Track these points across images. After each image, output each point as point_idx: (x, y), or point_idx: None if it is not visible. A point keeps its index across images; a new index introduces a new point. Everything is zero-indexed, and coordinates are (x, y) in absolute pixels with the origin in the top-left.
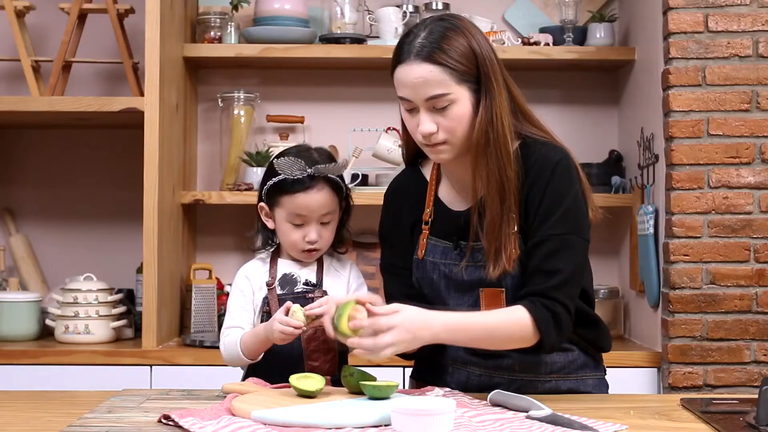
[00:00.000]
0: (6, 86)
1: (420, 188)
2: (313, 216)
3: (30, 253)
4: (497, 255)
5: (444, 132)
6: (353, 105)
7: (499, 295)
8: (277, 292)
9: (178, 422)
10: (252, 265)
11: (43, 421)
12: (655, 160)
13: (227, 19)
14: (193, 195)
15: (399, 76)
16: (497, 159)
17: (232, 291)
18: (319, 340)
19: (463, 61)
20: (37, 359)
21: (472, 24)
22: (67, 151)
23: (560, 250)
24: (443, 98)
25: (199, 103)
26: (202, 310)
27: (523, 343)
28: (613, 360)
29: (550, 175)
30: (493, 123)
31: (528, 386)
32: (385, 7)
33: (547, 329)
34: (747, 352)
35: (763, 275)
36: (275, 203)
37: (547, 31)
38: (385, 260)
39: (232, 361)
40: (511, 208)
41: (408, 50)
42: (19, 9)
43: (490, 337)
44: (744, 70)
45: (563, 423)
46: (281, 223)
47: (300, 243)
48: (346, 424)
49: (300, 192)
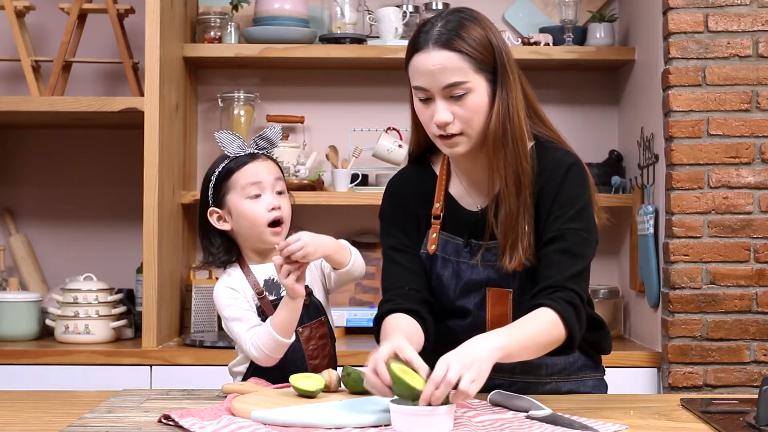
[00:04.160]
0: (6, 86)
1: (427, 182)
2: (267, 181)
3: (30, 253)
4: (513, 248)
5: (460, 122)
6: (353, 105)
7: (506, 295)
8: (270, 299)
9: (178, 422)
10: (228, 280)
11: (43, 421)
12: (655, 160)
13: (227, 19)
14: (193, 195)
15: (416, 64)
16: (514, 152)
17: (226, 304)
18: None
19: (480, 50)
20: (37, 359)
21: (487, 18)
22: (67, 151)
23: (576, 244)
24: (461, 86)
25: (199, 103)
26: (202, 310)
27: (558, 343)
28: (613, 360)
29: (564, 176)
30: (510, 115)
31: (528, 388)
32: (385, 7)
33: (573, 324)
34: (747, 352)
35: (763, 275)
36: (226, 192)
37: (547, 31)
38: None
39: (272, 351)
40: (526, 202)
41: (425, 38)
42: (19, 9)
43: (536, 345)
44: (744, 70)
45: (563, 423)
46: (239, 207)
47: (263, 215)
48: (346, 424)
49: (249, 163)
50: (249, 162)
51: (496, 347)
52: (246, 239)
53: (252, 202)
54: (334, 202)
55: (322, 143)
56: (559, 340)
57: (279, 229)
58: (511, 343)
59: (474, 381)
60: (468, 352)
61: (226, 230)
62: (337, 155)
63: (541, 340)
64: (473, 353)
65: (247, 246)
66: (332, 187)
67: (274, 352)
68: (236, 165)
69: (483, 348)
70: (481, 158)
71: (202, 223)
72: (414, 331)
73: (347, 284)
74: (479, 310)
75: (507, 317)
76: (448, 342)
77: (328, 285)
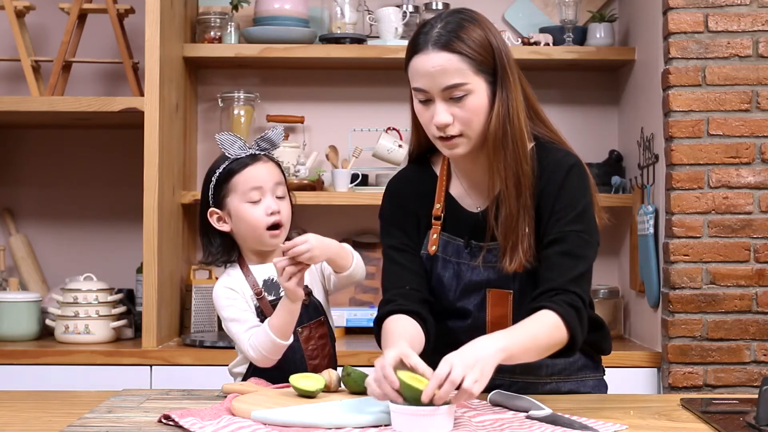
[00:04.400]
0: (6, 86)
1: (427, 183)
2: (267, 186)
3: (30, 253)
4: (513, 249)
5: (459, 124)
6: (353, 105)
7: (506, 296)
8: (268, 299)
9: (178, 422)
10: (227, 280)
11: (43, 421)
12: (655, 160)
13: (227, 19)
14: (193, 195)
15: (415, 65)
16: (514, 153)
17: (224, 305)
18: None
19: (480, 51)
20: (37, 359)
21: (486, 18)
22: (67, 151)
23: (577, 246)
24: (460, 88)
25: (199, 103)
26: (202, 310)
27: (560, 346)
28: (613, 360)
29: (565, 177)
30: (510, 116)
31: (528, 388)
32: (385, 7)
33: (575, 326)
34: (747, 352)
35: (763, 275)
36: (226, 194)
37: (547, 31)
38: (387, 241)
39: (269, 352)
40: (527, 204)
41: (425, 40)
42: (19, 9)
43: (537, 348)
44: (744, 70)
45: (563, 423)
46: (238, 210)
47: (262, 219)
48: (346, 424)
49: (249, 166)
50: (250, 164)
51: (499, 349)
52: (245, 240)
53: (252, 206)
54: (334, 202)
55: (322, 143)
56: (561, 342)
57: (278, 232)
58: (513, 345)
59: (477, 381)
60: (471, 352)
61: (226, 231)
62: (337, 155)
63: (543, 343)
64: (476, 354)
65: (246, 247)
66: (332, 187)
67: (271, 354)
68: (237, 167)
69: (486, 349)
70: (481, 159)
71: (203, 222)
72: (415, 334)
73: (347, 288)
74: (479, 311)
75: (507, 318)
76: (448, 342)
77: (328, 287)
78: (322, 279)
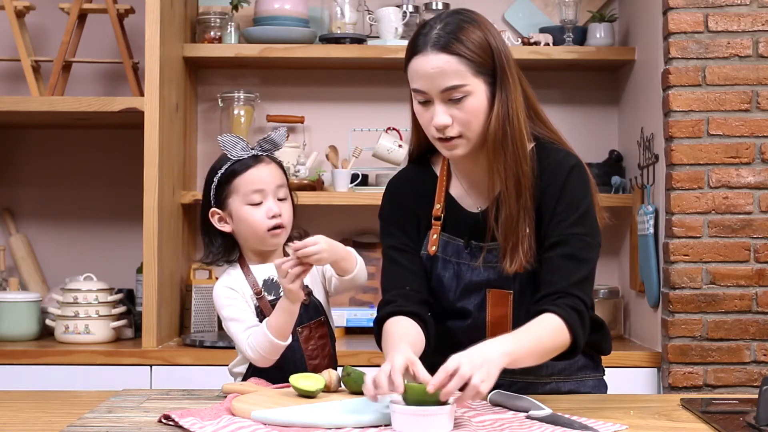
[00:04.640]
0: (6, 86)
1: (427, 183)
2: (269, 188)
3: (30, 253)
4: (513, 251)
5: (459, 125)
6: (353, 105)
7: (506, 297)
8: (268, 299)
9: (178, 422)
10: (228, 280)
11: (43, 421)
12: (655, 160)
13: (227, 19)
14: (193, 195)
15: (414, 67)
16: (514, 154)
17: (224, 304)
18: (317, 339)
19: (479, 53)
20: (37, 359)
21: (486, 19)
22: (67, 151)
23: (580, 249)
24: (459, 89)
25: (199, 103)
26: (202, 310)
27: (563, 349)
28: (613, 360)
29: (566, 178)
30: (510, 118)
31: (528, 388)
32: (385, 7)
33: (578, 329)
34: (747, 352)
35: (763, 275)
36: (228, 195)
37: (547, 31)
38: (387, 241)
39: (268, 352)
40: (527, 205)
41: (424, 41)
42: (19, 9)
43: (541, 352)
44: (744, 70)
45: (563, 423)
46: (239, 212)
47: (263, 222)
48: (346, 424)
49: (251, 168)
50: (252, 166)
51: (504, 353)
52: (246, 241)
53: (253, 209)
54: (334, 202)
55: (322, 143)
56: (563, 345)
57: (279, 231)
58: (518, 349)
59: (484, 381)
60: (478, 354)
61: (227, 231)
62: (337, 155)
63: (547, 346)
64: (483, 355)
65: (247, 247)
66: (332, 187)
67: (269, 354)
68: (240, 168)
69: (492, 352)
70: (481, 160)
71: (204, 221)
72: (416, 336)
73: (347, 291)
74: (479, 311)
75: (507, 318)
76: (448, 343)
77: (328, 288)
78: (323, 280)
